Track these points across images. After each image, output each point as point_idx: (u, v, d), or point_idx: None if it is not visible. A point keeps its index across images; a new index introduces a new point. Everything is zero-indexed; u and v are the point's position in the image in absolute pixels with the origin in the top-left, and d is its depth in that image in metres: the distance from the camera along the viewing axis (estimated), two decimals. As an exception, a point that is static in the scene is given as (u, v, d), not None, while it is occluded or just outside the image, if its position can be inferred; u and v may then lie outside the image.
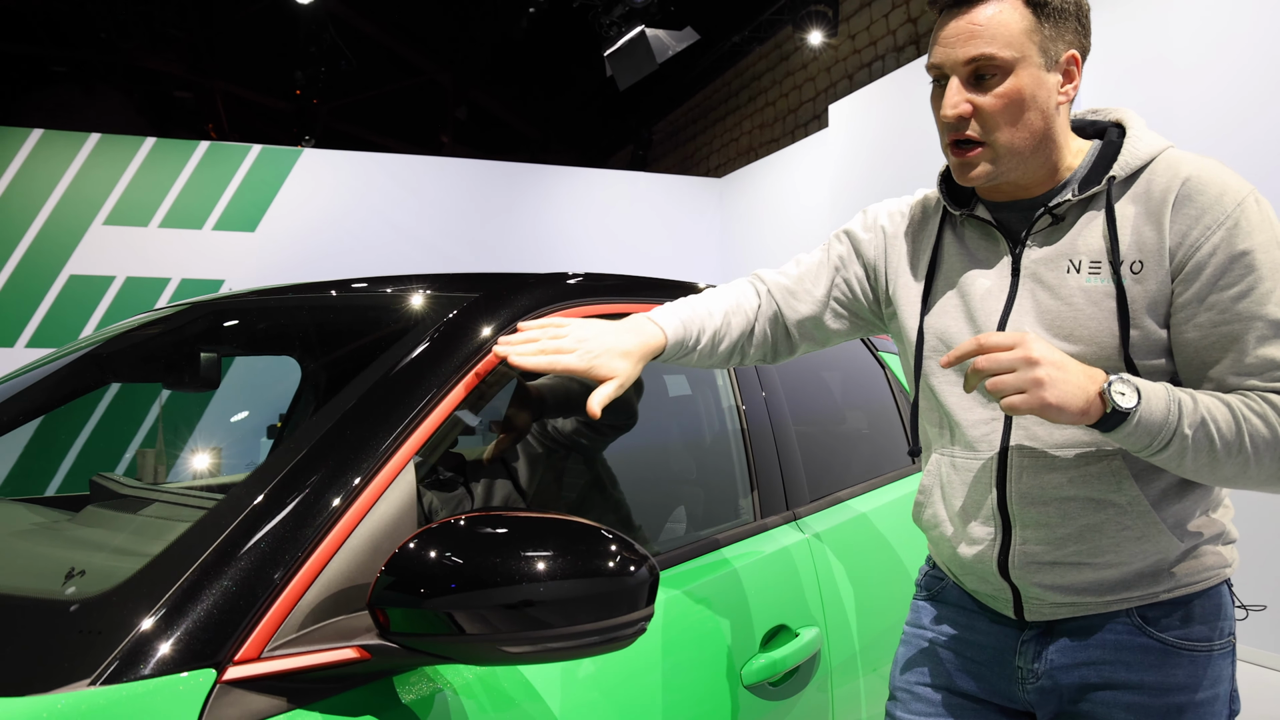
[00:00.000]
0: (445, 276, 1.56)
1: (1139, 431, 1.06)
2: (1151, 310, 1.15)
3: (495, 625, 0.92)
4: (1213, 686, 1.21)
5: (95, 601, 0.94)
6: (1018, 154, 1.19)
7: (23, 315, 6.78)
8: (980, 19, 1.16)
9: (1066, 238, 1.21)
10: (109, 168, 7.04)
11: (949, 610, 1.36)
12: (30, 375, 1.79)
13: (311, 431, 1.12)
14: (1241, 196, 1.13)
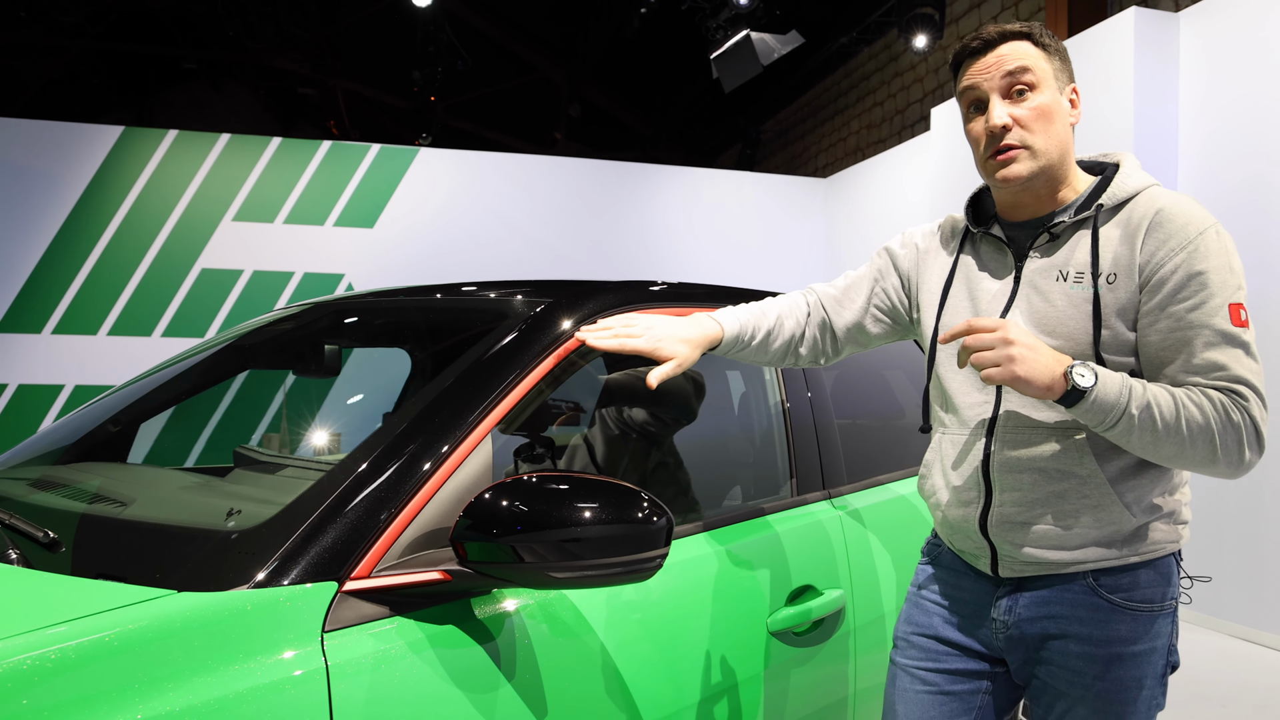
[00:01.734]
0: (526, 282, 1.89)
1: (1095, 408, 1.33)
2: (1121, 315, 1.42)
3: (546, 557, 1.24)
4: (1151, 641, 1.48)
5: (249, 532, 1.30)
6: (1048, 157, 1.49)
7: (159, 306, 7.43)
8: (1005, 51, 1.50)
9: (1060, 253, 1.50)
10: (238, 167, 7.64)
11: (942, 572, 1.65)
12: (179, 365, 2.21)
13: (412, 409, 1.46)
14: (1204, 227, 1.42)
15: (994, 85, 1.50)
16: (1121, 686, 1.47)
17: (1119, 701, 1.47)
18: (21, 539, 1.36)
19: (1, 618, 1.11)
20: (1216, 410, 1.35)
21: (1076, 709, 1.49)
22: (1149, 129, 5.42)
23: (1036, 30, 1.53)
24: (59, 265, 7.21)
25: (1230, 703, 3.93)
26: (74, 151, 7.33)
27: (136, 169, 7.42)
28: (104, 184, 7.36)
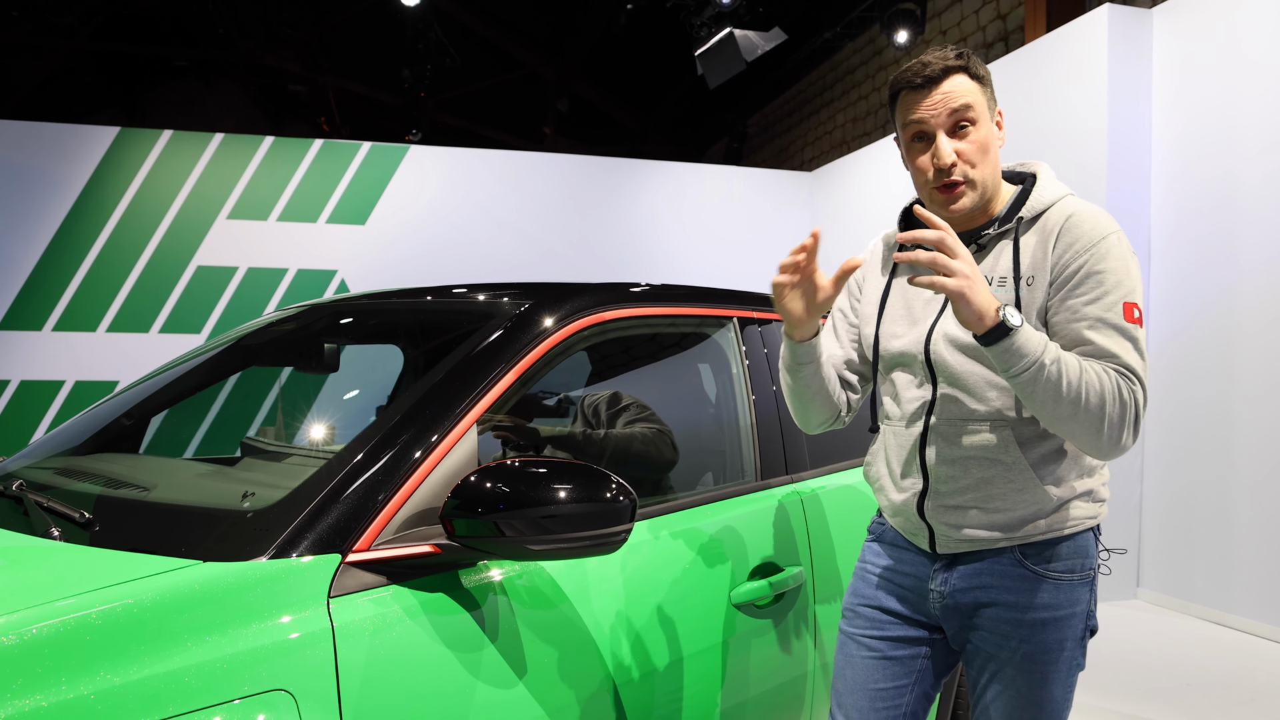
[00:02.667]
0: (510, 285, 2.07)
1: (1014, 350, 1.46)
2: (1039, 313, 1.61)
3: (524, 532, 1.41)
4: (1071, 607, 1.66)
5: (262, 511, 1.47)
6: (984, 186, 1.66)
7: (156, 303, 7.59)
8: (949, 88, 1.63)
9: (987, 260, 1.68)
10: (231, 165, 7.79)
11: (886, 548, 1.82)
12: (186, 363, 2.38)
13: (406, 402, 1.64)
14: (1107, 233, 1.60)
15: (940, 123, 1.63)
16: (1045, 648, 1.65)
17: (1043, 662, 1.65)
18: (60, 520, 1.53)
19: (53, 583, 1.29)
20: (1113, 386, 1.51)
21: (1005, 669, 1.67)
22: (1122, 125, 5.59)
23: (970, 61, 1.66)
24: (58, 264, 7.35)
25: (1194, 681, 4.13)
26: (72, 152, 7.47)
27: (133, 169, 7.56)
28: (101, 184, 7.51)
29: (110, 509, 1.60)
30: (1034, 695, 1.66)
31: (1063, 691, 1.68)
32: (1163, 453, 5.44)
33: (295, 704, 1.26)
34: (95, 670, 1.15)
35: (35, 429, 7.30)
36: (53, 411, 7.34)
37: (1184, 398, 5.31)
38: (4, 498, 1.72)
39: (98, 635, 1.18)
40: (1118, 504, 5.50)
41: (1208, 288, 5.19)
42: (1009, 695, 1.67)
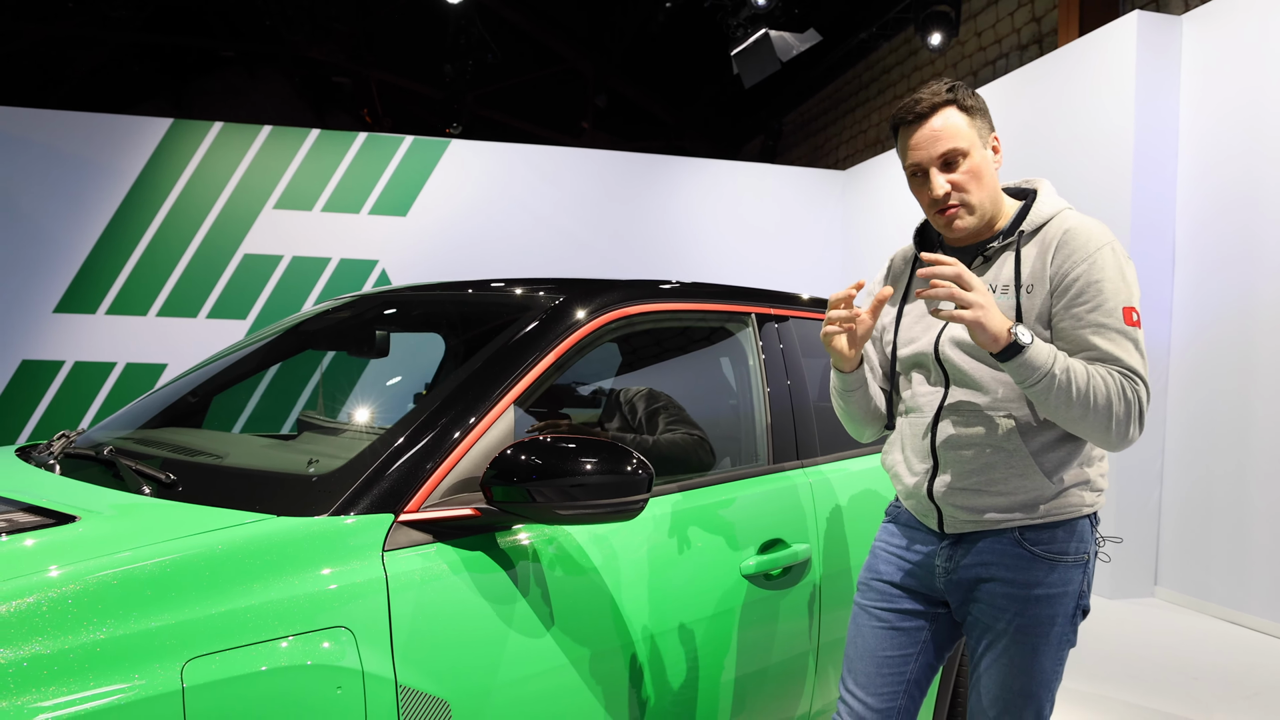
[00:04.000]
0: (545, 280, 2.27)
1: (1026, 364, 1.67)
2: (1038, 318, 1.79)
3: (552, 498, 1.62)
4: (1064, 587, 1.84)
5: (326, 476, 1.69)
6: (983, 207, 1.84)
7: (204, 289, 7.88)
8: (938, 126, 1.81)
9: (991, 271, 1.87)
10: (278, 157, 8.06)
11: (900, 529, 2.01)
12: (243, 349, 2.61)
13: (452, 384, 1.85)
14: (1102, 244, 1.78)
15: (931, 159, 1.82)
16: (1038, 622, 1.83)
17: (1035, 635, 1.83)
18: (149, 480, 1.76)
19: (153, 529, 1.51)
20: (1117, 387, 1.70)
21: (1000, 640, 1.85)
22: (1149, 126, 5.69)
23: (960, 94, 1.83)
24: (112, 250, 7.66)
25: (1201, 675, 4.26)
26: (126, 142, 7.77)
27: (184, 159, 7.85)
28: (154, 173, 7.80)
29: (192, 471, 1.82)
30: (1025, 665, 1.83)
31: (1052, 664, 1.85)
32: (1182, 453, 5.54)
33: (354, 639, 1.47)
34: (192, 601, 1.36)
35: (88, 408, 7.63)
36: (105, 391, 7.65)
37: (1204, 397, 5.42)
38: (97, 461, 1.95)
39: (193, 572, 1.40)
40: (1137, 503, 5.62)
41: (1229, 288, 5.29)
42: (1003, 664, 1.85)
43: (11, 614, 1.25)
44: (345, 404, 3.17)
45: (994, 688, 1.86)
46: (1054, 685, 1.88)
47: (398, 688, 1.50)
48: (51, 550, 1.43)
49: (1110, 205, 5.77)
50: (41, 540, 1.47)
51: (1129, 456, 5.61)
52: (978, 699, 1.91)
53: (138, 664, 1.28)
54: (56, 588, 1.31)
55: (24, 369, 7.50)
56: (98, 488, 1.80)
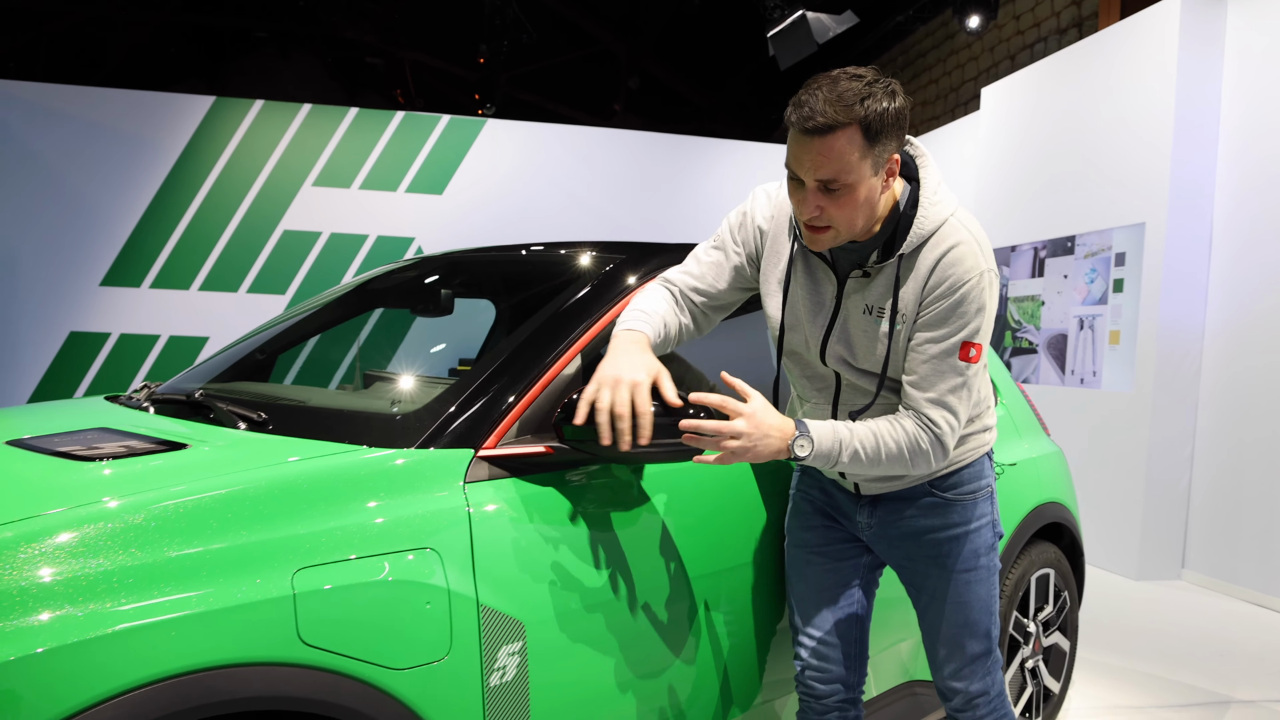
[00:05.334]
0: (607, 243, 2.41)
1: (815, 463, 1.81)
2: (905, 345, 1.84)
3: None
4: (979, 520, 2.03)
5: (409, 414, 1.84)
6: (851, 229, 1.75)
7: (245, 265, 8.06)
8: (828, 150, 1.63)
9: (867, 290, 1.85)
10: (317, 135, 8.21)
11: (815, 481, 2.15)
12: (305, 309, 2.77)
13: (522, 334, 1.99)
14: (972, 277, 1.76)
15: (809, 177, 1.67)
16: (963, 557, 2.01)
17: (965, 569, 2.01)
18: (242, 419, 1.91)
19: (256, 456, 1.66)
20: (909, 440, 1.82)
21: (932, 580, 2.03)
22: (1190, 110, 5.73)
23: (870, 109, 1.62)
24: (157, 225, 7.86)
25: (1227, 651, 4.35)
26: (170, 120, 7.95)
27: (226, 136, 8.03)
28: (197, 150, 7.98)
29: (282, 411, 1.97)
30: (965, 598, 2.02)
31: (987, 590, 2.04)
32: (1214, 439, 5.61)
33: (440, 560, 1.62)
34: (298, 517, 1.51)
35: (133, 379, 7.84)
36: (149, 363, 7.85)
37: (1237, 380, 5.48)
38: (187, 404, 2.11)
39: (299, 492, 1.55)
40: (1166, 487, 5.70)
41: (1266, 267, 5.34)
42: (940, 601, 2.03)
43: (143, 522, 1.40)
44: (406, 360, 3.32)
45: (942, 625, 2.04)
46: (994, 607, 2.06)
47: (479, 607, 1.64)
48: (172, 470, 1.59)
49: (1149, 186, 5.83)
50: (161, 462, 1.62)
51: (1158, 442, 5.69)
52: (931, 640, 2.09)
53: (254, 571, 1.43)
54: (180, 500, 1.46)
55: (72, 340, 7.71)
56: (197, 424, 1.96)
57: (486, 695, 1.65)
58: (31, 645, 1.22)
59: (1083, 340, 6.29)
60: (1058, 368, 6.52)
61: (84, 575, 1.30)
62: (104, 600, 1.29)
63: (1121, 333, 5.97)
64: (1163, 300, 5.67)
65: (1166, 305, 5.68)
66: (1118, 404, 5.94)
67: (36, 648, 1.22)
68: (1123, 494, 5.82)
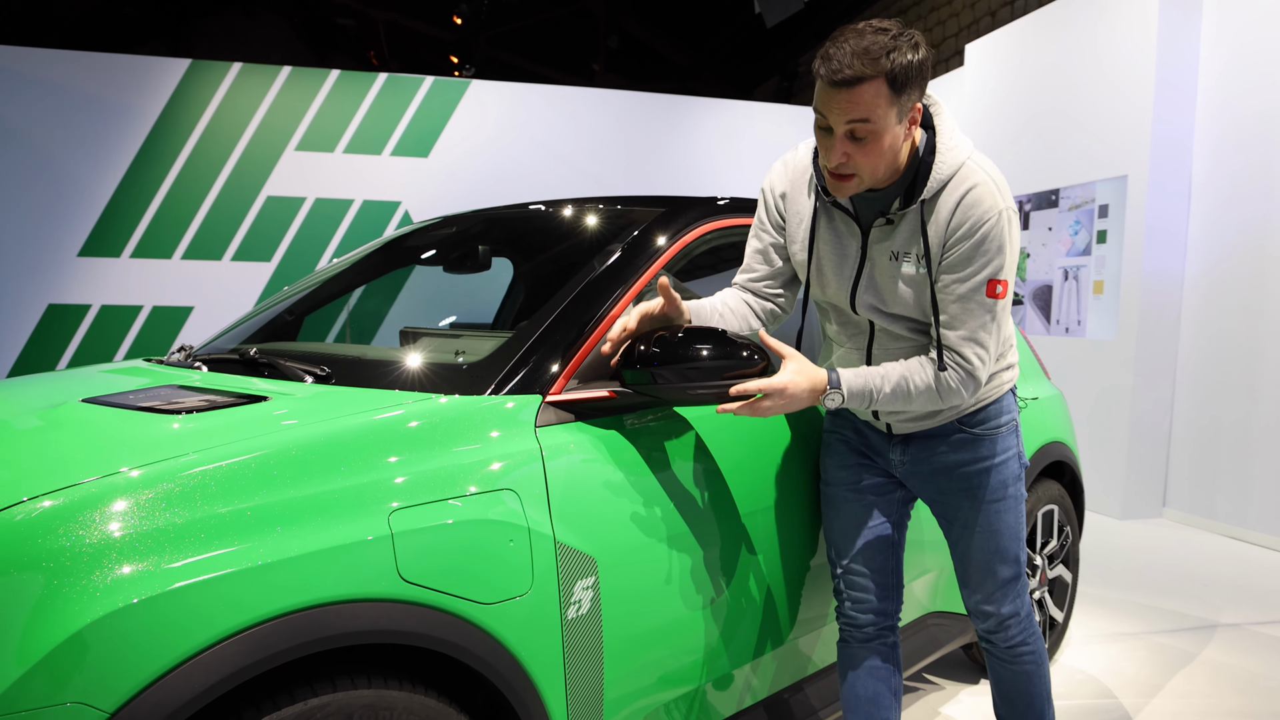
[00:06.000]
0: (647, 198, 2.48)
1: (850, 402, 1.91)
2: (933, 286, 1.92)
3: (671, 380, 1.83)
4: (1006, 453, 2.14)
5: (475, 364, 1.91)
6: (875, 174, 1.83)
7: (228, 232, 7.96)
8: (856, 101, 1.71)
9: (892, 236, 1.94)
10: (299, 98, 8.10)
11: (848, 422, 2.24)
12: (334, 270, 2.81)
13: (574, 286, 2.06)
14: (993, 215, 1.84)
15: (838, 125, 1.75)
16: (993, 488, 2.12)
17: (994, 499, 2.12)
18: (307, 373, 1.97)
19: (339, 405, 1.73)
20: (939, 379, 1.91)
21: (964, 511, 2.14)
22: (1170, 68, 5.85)
23: (895, 61, 1.69)
24: (135, 193, 7.73)
25: (1211, 582, 4.55)
26: (145, 84, 7.80)
27: (204, 101, 7.91)
28: (175, 115, 7.86)
29: (343, 365, 2.04)
30: (995, 527, 2.14)
31: (1015, 518, 2.16)
32: (1193, 383, 5.80)
33: (519, 498, 1.70)
34: (388, 461, 1.59)
35: (116, 351, 7.77)
36: (132, 334, 7.78)
37: (1216, 328, 5.66)
38: (241, 362, 2.16)
39: (386, 437, 1.62)
40: (1148, 429, 5.89)
41: (1244, 221, 5.50)
42: (975, 532, 2.14)
43: (247, 469, 1.46)
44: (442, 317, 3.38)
45: (974, 554, 2.16)
46: (1022, 534, 2.18)
47: (556, 544, 1.73)
48: (263, 420, 1.65)
49: (1131, 140, 5.95)
50: (250, 413, 1.69)
51: (1141, 388, 5.86)
52: (963, 568, 2.20)
53: (354, 512, 1.50)
54: (279, 448, 1.52)
55: (50, 313, 7.59)
56: (262, 380, 2.02)
57: (565, 628, 1.74)
58: (165, 584, 1.28)
59: (1067, 290, 6.43)
60: (1043, 317, 6.67)
61: (202, 519, 1.36)
62: (224, 542, 1.36)
63: (1105, 282, 6.12)
64: (1145, 251, 5.82)
65: (1149, 255, 5.83)
66: (1102, 351, 6.10)
67: (170, 585, 1.29)
68: (1107, 438, 6.00)
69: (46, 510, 1.29)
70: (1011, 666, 2.24)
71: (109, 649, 1.23)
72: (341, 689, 1.45)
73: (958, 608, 2.93)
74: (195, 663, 1.27)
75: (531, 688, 1.68)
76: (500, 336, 2.05)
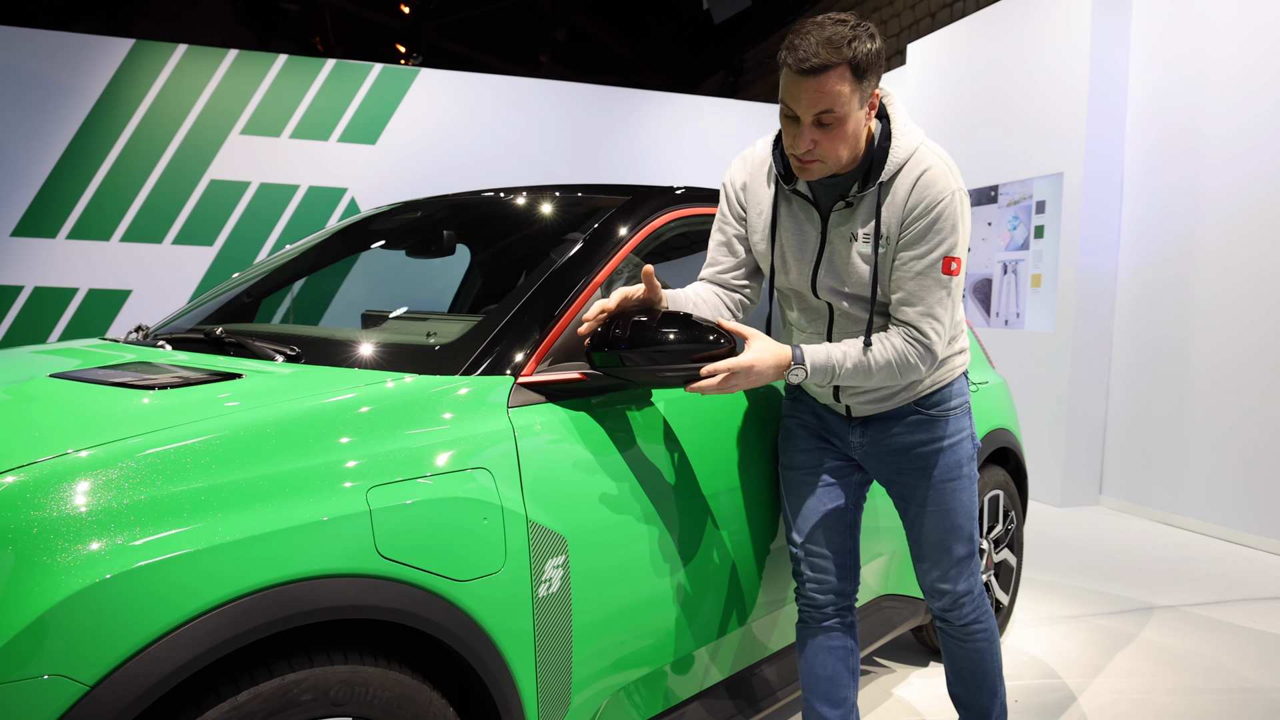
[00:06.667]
0: (610, 185, 2.49)
1: (812, 377, 1.97)
2: (891, 265, 2.00)
3: (638, 362, 1.85)
4: (959, 433, 2.21)
5: (447, 345, 1.91)
6: (838, 161, 1.91)
7: (169, 215, 7.79)
8: (822, 88, 1.79)
9: (851, 218, 2.01)
10: (245, 81, 7.95)
11: (806, 406, 2.29)
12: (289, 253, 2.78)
13: (545, 269, 2.07)
14: (945, 195, 1.93)
15: (806, 113, 1.82)
16: (948, 468, 2.19)
17: (949, 478, 2.19)
18: (277, 352, 1.95)
19: (315, 384, 1.71)
20: (899, 354, 1.98)
21: (920, 490, 2.20)
22: (1101, 71, 6.01)
23: (857, 50, 1.79)
24: (73, 173, 7.52)
25: (1147, 566, 4.71)
26: (86, 63, 7.59)
27: (147, 81, 7.72)
28: (116, 95, 7.66)
29: (313, 344, 2.02)
30: (950, 505, 2.20)
31: (969, 497, 2.23)
32: (1127, 374, 5.98)
33: (493, 477, 1.70)
34: (367, 438, 1.58)
35: (50, 333, 7.56)
36: (67, 317, 7.58)
37: (1148, 331, 5.84)
38: (205, 341, 2.13)
39: (364, 415, 1.62)
40: (1084, 419, 6.06)
41: (1173, 232, 5.69)
42: (929, 509, 2.21)
43: (226, 443, 1.44)
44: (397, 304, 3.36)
45: (930, 532, 2.22)
46: (975, 513, 2.26)
47: (528, 523, 1.74)
48: (239, 396, 1.64)
49: (1067, 138, 6.10)
50: (225, 390, 1.66)
51: (1078, 379, 6.03)
52: (919, 547, 2.27)
53: (334, 488, 1.49)
54: (258, 423, 1.51)
55: (-19, 293, 7.39)
56: (230, 358, 1.99)
57: (536, 606, 1.75)
58: (145, 557, 1.27)
59: (1006, 284, 6.59)
60: (983, 310, 6.82)
61: (180, 494, 1.35)
62: (204, 517, 1.34)
63: (1043, 276, 6.27)
64: (1081, 246, 5.98)
65: (1084, 250, 5.99)
66: (1040, 343, 6.26)
67: (150, 558, 1.27)
68: (1046, 428, 6.17)
69: (18, 484, 1.27)
70: (965, 645, 2.30)
71: (89, 622, 1.21)
72: (318, 664, 1.45)
73: (909, 590, 3.00)
74: (175, 636, 1.26)
75: (503, 665, 1.69)
76: (472, 320, 2.05)
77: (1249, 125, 5.23)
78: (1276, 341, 5.04)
